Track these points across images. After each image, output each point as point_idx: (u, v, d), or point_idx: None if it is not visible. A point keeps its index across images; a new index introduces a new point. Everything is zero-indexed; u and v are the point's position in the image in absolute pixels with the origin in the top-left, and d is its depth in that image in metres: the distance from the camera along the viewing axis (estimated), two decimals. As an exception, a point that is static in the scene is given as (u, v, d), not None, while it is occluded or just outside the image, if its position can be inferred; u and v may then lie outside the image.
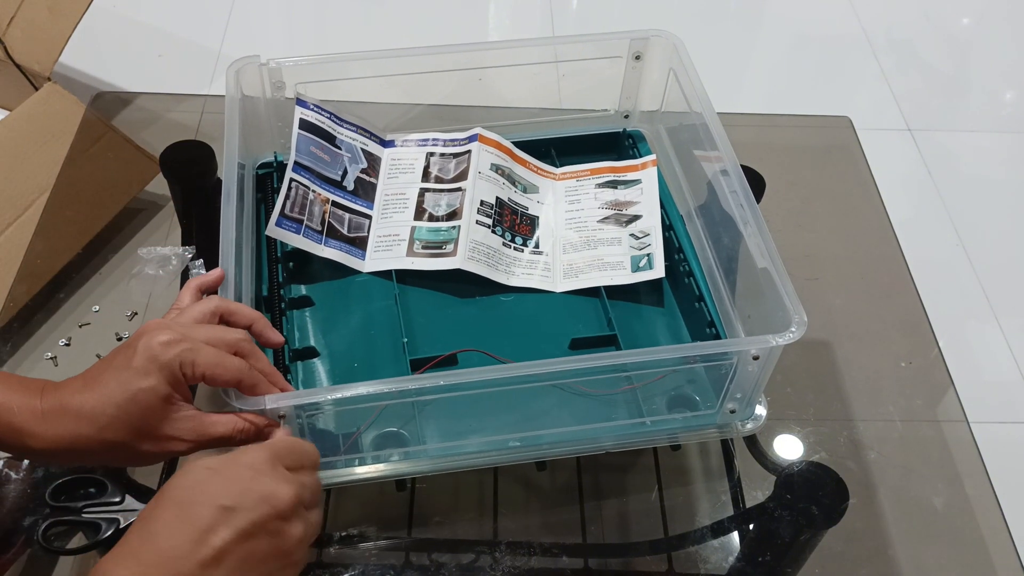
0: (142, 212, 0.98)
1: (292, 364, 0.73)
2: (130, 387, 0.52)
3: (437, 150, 0.87)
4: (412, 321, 0.77)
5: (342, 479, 0.68)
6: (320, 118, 0.83)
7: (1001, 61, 2.15)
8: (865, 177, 1.02)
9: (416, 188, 0.85)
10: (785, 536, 0.71)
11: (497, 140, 0.86)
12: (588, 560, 0.72)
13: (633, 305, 0.79)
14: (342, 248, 0.80)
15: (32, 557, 0.69)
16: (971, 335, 1.58)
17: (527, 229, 0.84)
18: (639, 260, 0.79)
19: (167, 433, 0.54)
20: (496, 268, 0.80)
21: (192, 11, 2.11)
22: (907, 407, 0.83)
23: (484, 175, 0.84)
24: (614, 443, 0.70)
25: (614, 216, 0.83)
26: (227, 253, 0.65)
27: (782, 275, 0.65)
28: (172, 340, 0.53)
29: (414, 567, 0.69)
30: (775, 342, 0.62)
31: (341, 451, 0.67)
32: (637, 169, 0.87)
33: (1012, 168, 1.89)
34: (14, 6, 1.15)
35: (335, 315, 0.78)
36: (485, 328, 0.77)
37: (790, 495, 0.73)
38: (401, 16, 2.12)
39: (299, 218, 0.78)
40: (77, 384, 0.54)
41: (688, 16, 2.18)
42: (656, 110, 0.89)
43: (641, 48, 0.86)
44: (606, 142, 0.92)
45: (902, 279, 0.93)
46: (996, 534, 0.74)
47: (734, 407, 0.69)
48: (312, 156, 0.81)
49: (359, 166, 0.85)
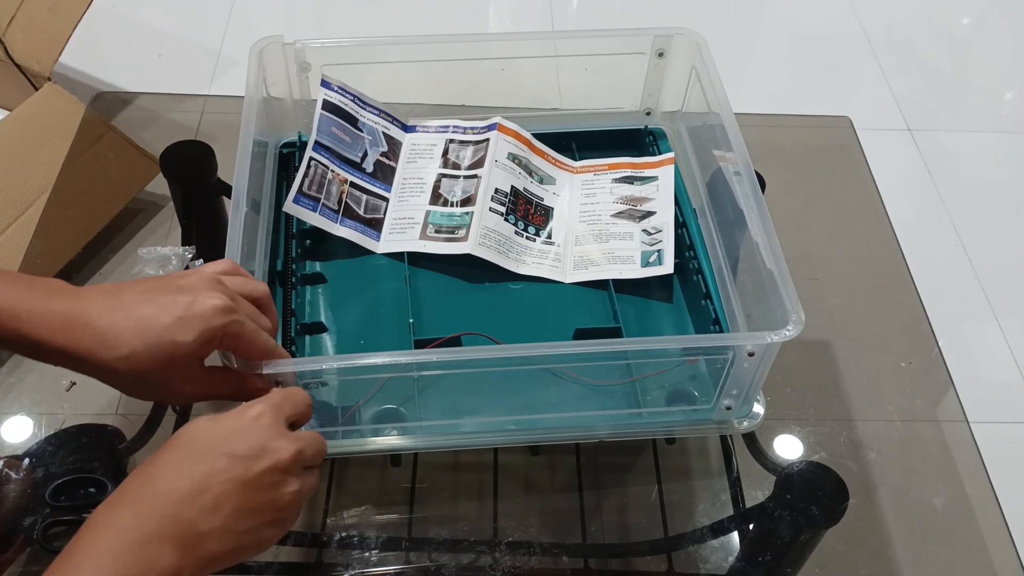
0: (142, 212, 0.98)
1: (300, 338, 0.75)
2: (166, 334, 0.51)
3: (457, 137, 0.88)
4: (420, 303, 0.78)
5: (341, 450, 0.69)
6: (344, 100, 0.84)
7: (1001, 61, 2.15)
8: (865, 177, 1.02)
9: (434, 173, 0.86)
10: (785, 536, 0.71)
11: (516, 130, 0.87)
12: (588, 560, 0.72)
13: (641, 300, 0.79)
14: (357, 228, 0.82)
15: (32, 557, 0.69)
16: (971, 335, 1.58)
17: (541, 219, 0.84)
18: (649, 255, 0.80)
19: (173, 382, 0.54)
20: (507, 256, 0.80)
21: (192, 11, 2.11)
22: (907, 407, 0.83)
23: (501, 164, 0.84)
24: (609, 432, 0.70)
25: (628, 211, 0.84)
26: (235, 225, 0.66)
27: (784, 275, 0.65)
28: (225, 308, 0.53)
29: (414, 567, 0.69)
30: (771, 339, 0.62)
31: (339, 422, 0.68)
32: (655, 166, 0.87)
33: (1012, 168, 1.89)
34: (14, 6, 1.15)
35: (346, 293, 0.80)
36: (492, 314, 0.78)
37: (790, 495, 0.73)
38: (401, 15, 2.12)
39: (316, 196, 0.80)
40: (103, 303, 0.51)
41: (688, 16, 2.18)
42: (678, 109, 0.89)
43: (664, 45, 0.87)
44: (627, 138, 0.92)
45: (902, 279, 0.93)
46: (996, 534, 0.74)
47: (730, 404, 0.69)
48: (333, 137, 0.83)
49: (379, 149, 0.86)
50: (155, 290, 0.53)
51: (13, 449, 0.74)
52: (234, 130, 0.72)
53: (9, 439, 0.76)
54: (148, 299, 0.52)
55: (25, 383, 0.80)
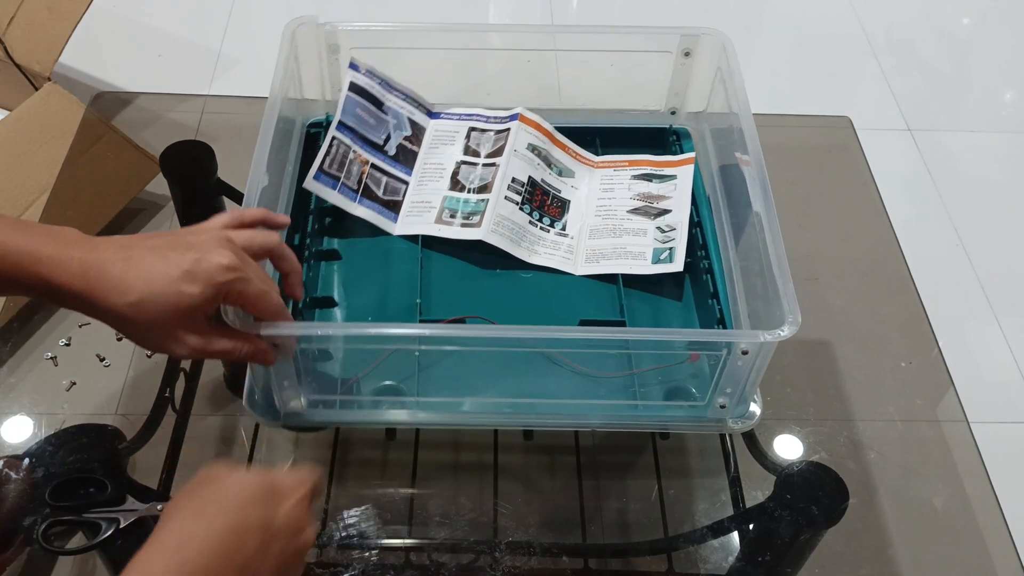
0: (142, 212, 0.98)
1: (309, 311, 0.76)
2: (173, 285, 0.54)
3: (479, 125, 0.89)
4: (430, 285, 0.80)
5: (339, 420, 0.71)
6: (371, 83, 0.86)
7: (1001, 61, 2.15)
8: (865, 177, 1.02)
9: (454, 160, 0.87)
10: (785, 536, 0.71)
11: (538, 122, 0.88)
12: (588, 560, 0.72)
13: (651, 296, 0.80)
14: (375, 208, 0.83)
15: (32, 557, 0.69)
16: (971, 335, 1.58)
17: (556, 211, 0.85)
18: (661, 252, 0.80)
19: (176, 333, 0.57)
20: (519, 244, 0.81)
21: (192, 11, 2.11)
22: (907, 407, 0.83)
23: (519, 154, 0.85)
24: (602, 422, 0.71)
25: (644, 208, 0.84)
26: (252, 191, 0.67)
27: (784, 277, 0.65)
28: (231, 266, 0.56)
29: (414, 567, 0.69)
30: (764, 338, 0.62)
31: (337, 391, 0.70)
32: (674, 165, 0.87)
33: (1012, 168, 1.89)
34: (14, 6, 1.15)
35: (359, 271, 0.81)
36: (500, 300, 0.79)
37: (790, 495, 0.73)
38: (400, 13, 2.12)
39: (336, 175, 0.82)
40: (117, 253, 0.55)
41: (688, 16, 2.18)
42: (703, 110, 0.89)
43: (691, 45, 0.87)
44: (651, 137, 0.92)
45: (902, 279, 0.93)
46: (996, 534, 0.74)
47: (724, 402, 0.69)
48: (357, 118, 0.84)
49: (403, 133, 0.88)
50: (165, 246, 0.56)
51: (13, 449, 0.74)
52: (234, 130, 0.72)
53: (9, 439, 0.76)
54: (159, 254, 0.55)
55: (25, 383, 0.80)
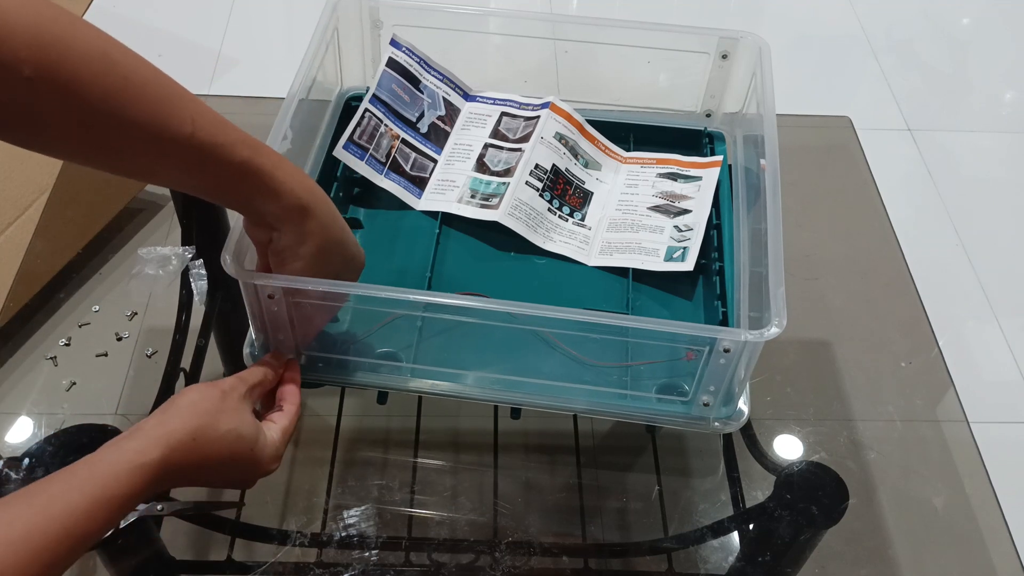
0: (142, 212, 0.98)
1: None
2: None
3: (511, 111, 0.90)
4: (443, 262, 0.81)
5: (334, 379, 0.72)
6: (409, 60, 0.88)
7: (1001, 61, 2.16)
8: (865, 177, 1.02)
9: (482, 142, 0.88)
10: (785, 536, 0.71)
11: (568, 112, 0.89)
12: (588, 560, 0.72)
13: (661, 294, 0.80)
14: (400, 183, 0.85)
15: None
16: (971, 335, 1.58)
17: (578, 201, 0.86)
18: (674, 251, 0.80)
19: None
20: (535, 230, 0.82)
21: (192, 11, 2.11)
22: (907, 407, 0.83)
23: (546, 141, 0.86)
24: (588, 407, 0.71)
25: (664, 206, 0.84)
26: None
27: (777, 278, 0.65)
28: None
29: (414, 567, 0.69)
30: (745, 337, 0.62)
31: (335, 350, 0.71)
32: (701, 167, 0.87)
33: (1012, 168, 1.89)
34: (14, 6, 1.15)
35: (376, 241, 0.83)
36: (510, 283, 0.80)
37: (790, 495, 0.73)
38: None
39: (365, 146, 0.84)
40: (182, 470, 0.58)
41: (688, 16, 2.18)
42: (737, 112, 0.89)
43: (729, 48, 0.87)
44: (686, 138, 0.92)
45: (902, 279, 0.93)
46: (996, 534, 0.74)
47: (708, 400, 0.68)
48: (392, 94, 0.86)
49: (436, 112, 0.89)
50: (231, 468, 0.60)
51: (13, 449, 0.74)
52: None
53: (9, 439, 0.76)
54: (222, 477, 0.61)
55: (25, 383, 0.80)
